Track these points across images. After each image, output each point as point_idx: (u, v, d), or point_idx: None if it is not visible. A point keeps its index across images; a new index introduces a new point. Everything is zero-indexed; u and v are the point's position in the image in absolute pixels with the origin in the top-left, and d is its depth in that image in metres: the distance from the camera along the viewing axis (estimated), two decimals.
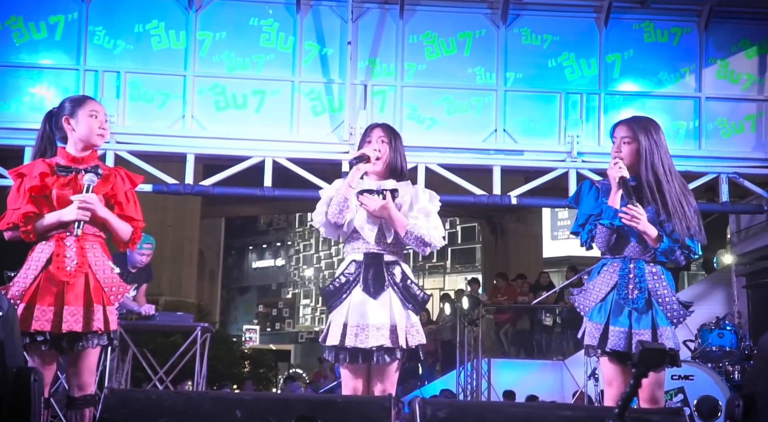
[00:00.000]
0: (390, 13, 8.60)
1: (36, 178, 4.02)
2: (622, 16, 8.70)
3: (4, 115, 8.11)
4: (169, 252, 18.43)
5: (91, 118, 4.13)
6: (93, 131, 4.13)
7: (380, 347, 4.03)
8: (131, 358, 8.04)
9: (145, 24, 8.39)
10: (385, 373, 4.12)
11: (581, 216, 4.23)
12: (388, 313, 4.09)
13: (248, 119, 8.40)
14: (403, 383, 12.92)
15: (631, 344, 4.02)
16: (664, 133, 4.25)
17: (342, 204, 4.11)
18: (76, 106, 4.16)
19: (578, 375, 10.23)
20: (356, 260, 4.16)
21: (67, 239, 4.01)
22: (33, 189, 4.00)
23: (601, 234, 4.15)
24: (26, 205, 3.98)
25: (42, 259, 4.00)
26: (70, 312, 3.93)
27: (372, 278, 4.11)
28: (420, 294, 4.19)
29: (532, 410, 3.32)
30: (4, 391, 3.07)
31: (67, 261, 3.99)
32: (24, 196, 4.00)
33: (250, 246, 38.08)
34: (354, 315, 4.07)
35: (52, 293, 3.94)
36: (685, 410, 6.50)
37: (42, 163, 4.09)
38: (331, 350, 4.11)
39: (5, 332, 3.09)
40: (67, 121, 4.13)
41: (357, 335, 4.04)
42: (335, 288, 4.15)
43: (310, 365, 26.78)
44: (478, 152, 8.53)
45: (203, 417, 3.08)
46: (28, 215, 3.98)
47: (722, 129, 8.64)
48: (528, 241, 21.69)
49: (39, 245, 4.04)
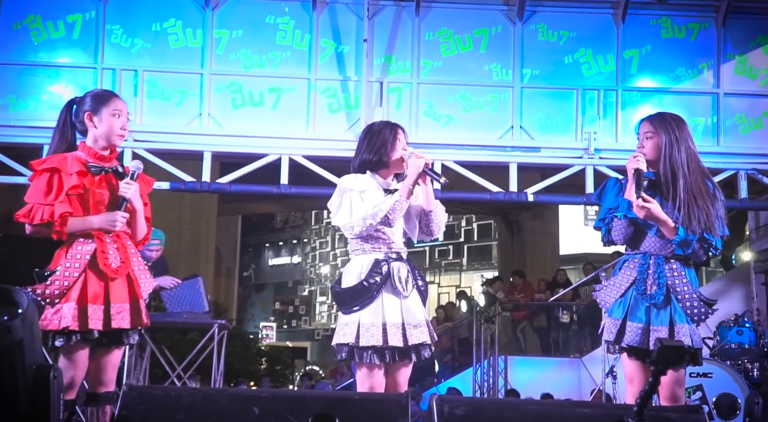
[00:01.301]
0: (406, 10, 8.60)
1: (73, 176, 3.91)
2: (640, 11, 8.66)
3: (22, 113, 8.16)
4: (186, 249, 18.50)
5: (113, 118, 4.03)
6: (114, 131, 4.04)
7: (422, 343, 4.08)
8: (149, 355, 8.07)
9: (162, 22, 8.41)
10: (403, 371, 4.15)
11: (603, 211, 4.25)
12: (420, 310, 4.15)
13: (265, 117, 8.41)
14: (419, 380, 12.91)
15: (648, 340, 4.01)
16: (689, 130, 4.23)
17: (404, 209, 4.10)
18: (100, 104, 4.06)
19: (596, 372, 10.19)
20: (379, 259, 4.14)
21: (106, 237, 3.95)
22: (73, 188, 3.90)
23: (617, 228, 4.15)
24: (62, 205, 3.88)
25: (85, 256, 3.91)
26: (116, 310, 3.90)
27: (404, 277, 4.12)
28: (425, 289, 4.26)
29: (550, 407, 3.32)
30: (23, 389, 3.09)
31: (110, 259, 3.93)
32: (60, 194, 3.88)
33: (267, 244, 38.12)
34: (392, 313, 4.06)
35: (100, 291, 3.89)
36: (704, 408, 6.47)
37: (75, 159, 3.98)
38: (367, 350, 4.03)
39: (24, 330, 3.10)
40: (90, 118, 4.04)
41: (403, 333, 4.04)
42: (364, 287, 4.08)
43: (327, 362, 26.78)
44: (494, 149, 8.52)
45: (221, 413, 3.08)
46: (65, 215, 3.88)
47: (740, 125, 8.59)
48: (545, 238, 21.60)
49: (77, 243, 3.93)
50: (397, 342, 4.02)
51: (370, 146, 4.25)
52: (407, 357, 4.09)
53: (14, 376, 3.05)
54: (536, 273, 17.10)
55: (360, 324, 4.06)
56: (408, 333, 4.05)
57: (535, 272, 17.64)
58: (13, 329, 3.04)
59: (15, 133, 8.13)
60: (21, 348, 3.06)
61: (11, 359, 3.04)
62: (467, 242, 30.54)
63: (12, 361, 3.04)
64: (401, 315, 4.07)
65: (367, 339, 4.03)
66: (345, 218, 4.12)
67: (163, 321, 7.76)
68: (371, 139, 4.28)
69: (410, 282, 4.14)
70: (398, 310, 4.07)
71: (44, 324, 3.80)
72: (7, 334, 3.02)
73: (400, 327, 4.05)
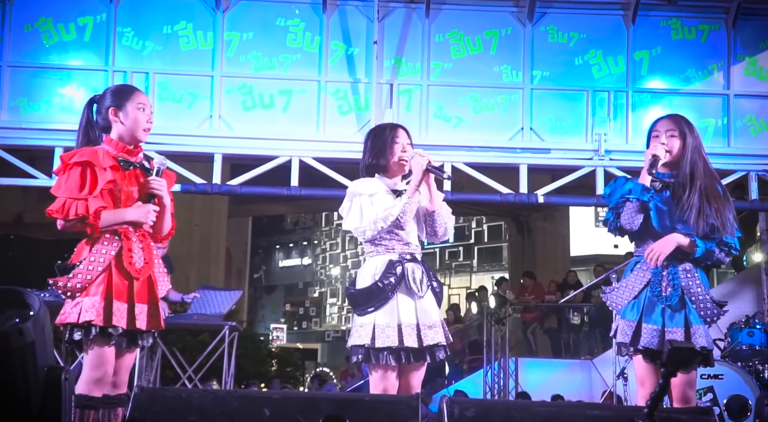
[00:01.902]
0: (416, 12, 8.60)
1: (107, 170, 3.85)
2: (650, 13, 8.65)
3: (33, 115, 8.19)
4: (196, 251, 18.51)
5: (139, 111, 3.97)
6: (141, 125, 3.97)
7: (437, 344, 4.08)
8: (160, 357, 8.10)
9: (173, 25, 8.44)
10: (416, 372, 4.14)
11: (613, 200, 4.20)
12: (434, 311, 4.15)
13: (275, 119, 8.43)
14: (430, 382, 12.90)
15: (663, 342, 3.99)
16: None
17: (413, 210, 4.11)
18: (124, 99, 3.98)
19: (607, 374, 10.17)
20: (393, 260, 4.13)
21: (133, 235, 3.91)
22: (109, 182, 3.84)
23: (628, 210, 4.10)
24: (97, 199, 3.81)
25: (110, 253, 3.85)
26: (139, 310, 3.87)
27: (419, 277, 4.12)
28: (440, 290, 4.26)
29: (560, 409, 3.32)
30: (34, 391, 3.10)
31: (135, 258, 3.89)
32: (94, 188, 3.81)
33: (277, 246, 38.16)
34: (408, 314, 4.06)
35: (124, 289, 3.85)
36: (715, 409, 6.46)
37: (107, 153, 3.91)
38: (382, 351, 4.02)
39: (36, 332, 3.11)
40: (115, 113, 3.96)
41: (419, 334, 4.04)
42: (379, 288, 4.07)
43: (337, 364, 26.80)
44: (504, 150, 8.52)
45: (232, 415, 3.09)
46: (99, 210, 3.80)
47: (751, 126, 8.57)
48: (555, 240, 21.54)
49: (103, 238, 3.86)
50: (412, 343, 4.01)
51: (373, 149, 4.27)
52: (422, 358, 4.08)
53: (26, 378, 3.06)
54: (547, 275, 17.06)
55: (375, 326, 4.05)
56: (423, 333, 4.04)
57: (545, 273, 17.60)
58: (25, 331, 3.06)
59: (26, 135, 8.17)
60: (33, 350, 3.08)
61: (23, 361, 3.05)
62: (477, 243, 30.52)
63: (24, 363, 3.06)
64: (416, 316, 4.07)
65: (383, 340, 4.01)
66: (356, 222, 4.13)
67: (175, 322, 7.80)
68: (373, 142, 4.30)
69: (425, 283, 4.13)
70: (413, 311, 4.07)
71: (63, 317, 3.77)
72: (19, 336, 3.04)
73: (414, 327, 4.04)
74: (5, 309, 3.13)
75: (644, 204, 4.09)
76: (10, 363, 3.02)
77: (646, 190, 4.09)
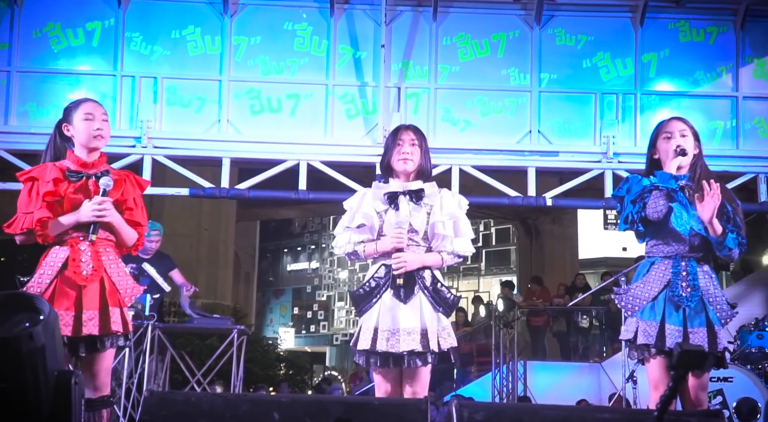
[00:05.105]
0: (423, 16, 8.60)
1: (50, 183, 4.00)
2: (658, 15, 8.63)
3: (42, 120, 8.21)
4: (205, 255, 18.56)
5: (86, 122, 4.10)
6: (89, 134, 4.10)
7: (411, 351, 4.04)
8: (169, 361, 8.11)
9: (181, 30, 8.46)
10: (417, 377, 4.12)
11: (633, 194, 4.12)
12: (419, 317, 4.09)
13: (283, 123, 8.44)
14: (438, 386, 12.89)
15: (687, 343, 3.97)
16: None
17: (372, 257, 4.20)
18: (71, 112, 4.16)
19: (616, 377, 10.15)
20: (386, 264, 4.16)
21: (81, 243, 4.02)
22: (47, 194, 3.99)
23: (654, 198, 4.06)
24: (41, 210, 3.97)
25: (57, 264, 4.00)
26: (88, 316, 3.95)
27: (402, 282, 4.11)
28: (450, 297, 4.20)
29: (569, 412, 3.31)
30: (45, 394, 3.11)
31: (82, 266, 4.00)
32: (37, 201, 3.99)
33: (285, 249, 38.16)
34: (385, 319, 4.08)
35: (70, 297, 3.97)
36: (724, 412, 6.44)
37: (54, 167, 4.07)
38: (362, 354, 4.12)
39: (46, 336, 3.13)
40: (66, 128, 4.15)
41: (388, 339, 4.05)
42: (365, 292, 4.16)
43: (346, 367, 26.79)
44: (512, 153, 8.50)
45: (241, 419, 3.10)
46: (43, 220, 3.97)
47: (760, 128, 8.55)
48: (563, 243, 21.52)
49: (53, 249, 4.04)
50: (383, 348, 4.04)
51: (384, 152, 4.34)
52: (400, 363, 4.08)
53: (36, 382, 3.07)
54: (555, 278, 17.05)
55: (360, 328, 4.15)
56: (400, 339, 4.04)
57: (553, 276, 17.59)
58: (35, 335, 3.07)
59: (35, 140, 8.15)
60: (43, 354, 3.09)
61: (33, 365, 3.07)
62: (486, 247, 30.47)
63: (34, 367, 3.07)
64: (398, 321, 4.07)
65: (361, 343, 4.10)
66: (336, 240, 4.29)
67: (183, 327, 7.81)
68: (385, 144, 4.39)
69: (413, 288, 4.12)
70: (394, 316, 4.08)
71: None
72: (29, 340, 3.05)
73: (392, 332, 4.06)
74: (16, 313, 3.15)
75: (670, 193, 4.05)
76: (20, 367, 3.04)
77: (674, 178, 4.07)
